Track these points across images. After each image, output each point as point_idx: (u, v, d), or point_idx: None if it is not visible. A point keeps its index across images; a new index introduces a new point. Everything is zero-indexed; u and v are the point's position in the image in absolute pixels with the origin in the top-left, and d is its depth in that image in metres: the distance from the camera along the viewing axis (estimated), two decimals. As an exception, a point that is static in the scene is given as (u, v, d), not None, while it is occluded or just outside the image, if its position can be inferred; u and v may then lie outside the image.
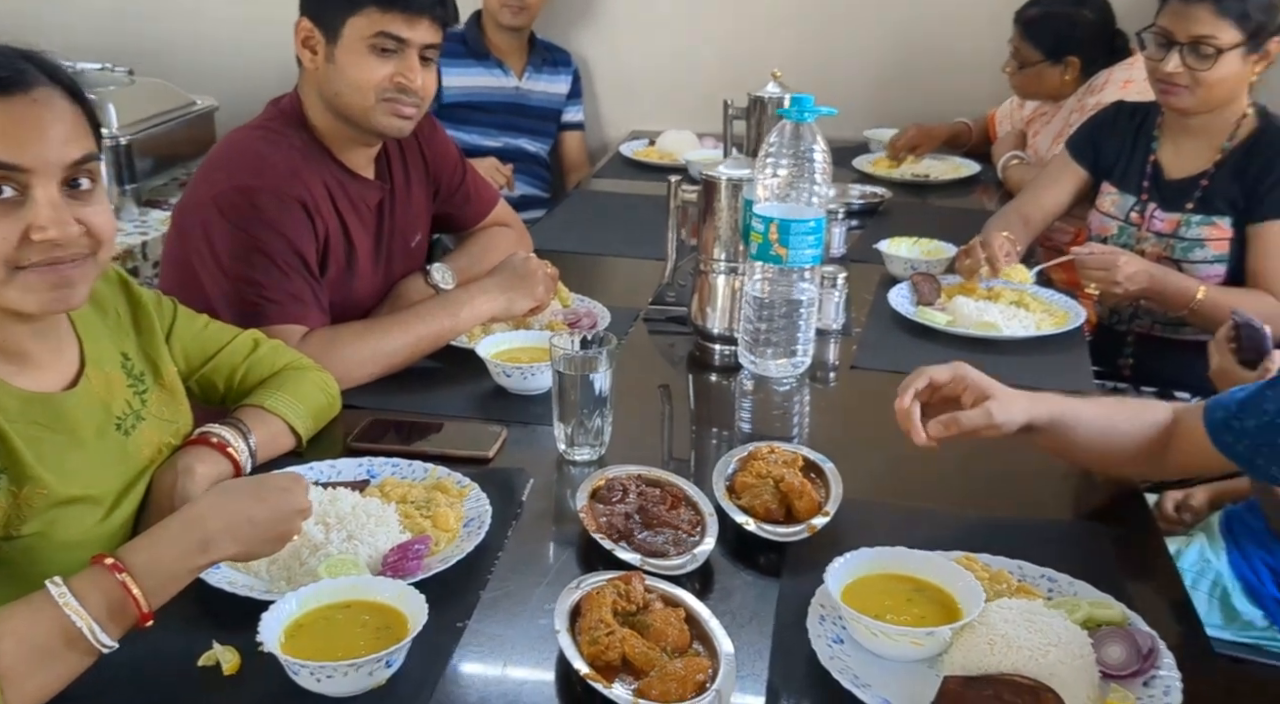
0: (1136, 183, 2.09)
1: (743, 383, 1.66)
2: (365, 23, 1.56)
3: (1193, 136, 2.03)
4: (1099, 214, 2.16)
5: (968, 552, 1.12)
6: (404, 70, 1.58)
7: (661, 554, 1.13)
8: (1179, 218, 2.02)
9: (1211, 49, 1.87)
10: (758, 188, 1.58)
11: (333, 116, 1.63)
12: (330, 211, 1.63)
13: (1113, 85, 2.49)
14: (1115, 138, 2.14)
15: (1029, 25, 2.58)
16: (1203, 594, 1.60)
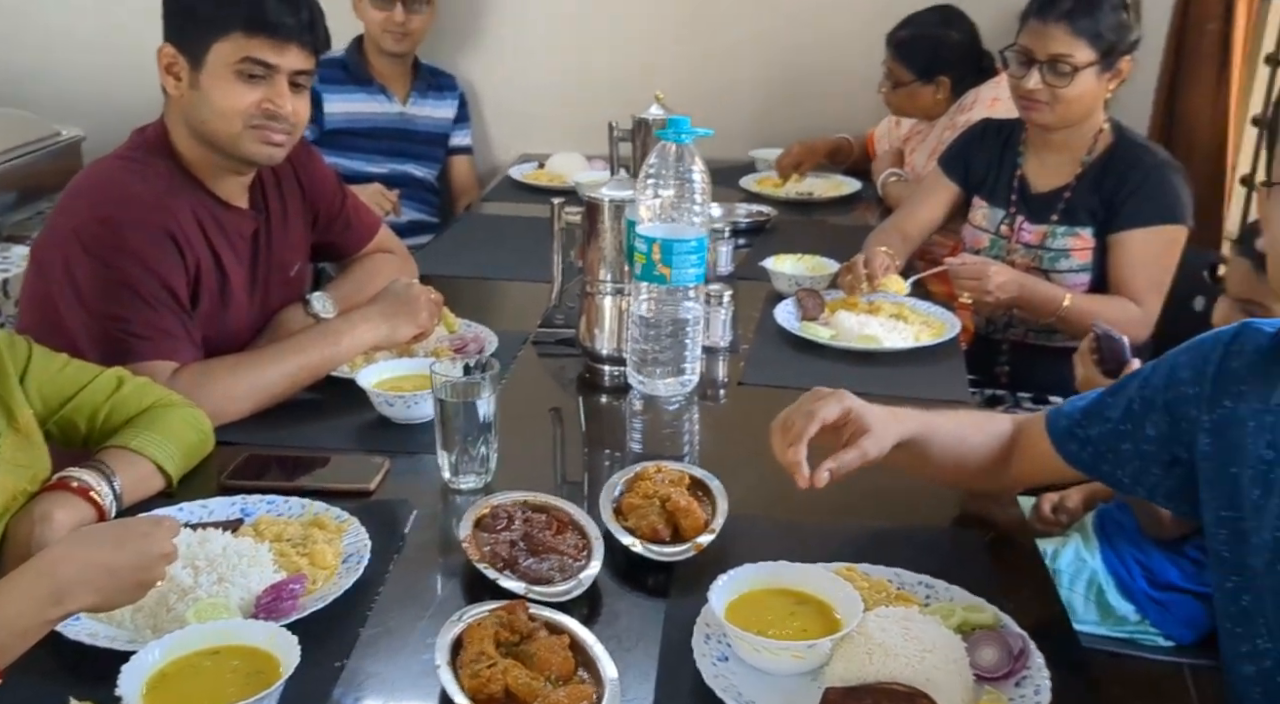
0: (1005, 196, 2.17)
1: (632, 403, 1.66)
2: (231, 48, 1.51)
3: (1055, 151, 2.12)
4: (971, 227, 2.24)
5: (848, 562, 1.14)
6: (272, 97, 1.54)
7: (547, 581, 1.11)
8: (1045, 229, 2.10)
9: (1068, 67, 1.96)
10: (640, 209, 1.59)
11: (201, 145, 1.58)
12: (201, 242, 1.58)
13: (981, 103, 2.59)
14: (984, 154, 2.23)
15: (900, 47, 2.67)
16: (1080, 592, 1.66)
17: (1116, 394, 1.17)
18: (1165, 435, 1.10)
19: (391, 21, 2.83)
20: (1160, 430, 1.11)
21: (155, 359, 1.46)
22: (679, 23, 3.23)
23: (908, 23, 2.69)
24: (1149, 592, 1.63)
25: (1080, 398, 1.22)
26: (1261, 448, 0.99)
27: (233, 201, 1.65)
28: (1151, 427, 1.11)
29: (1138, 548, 1.66)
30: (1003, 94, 2.60)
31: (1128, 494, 1.20)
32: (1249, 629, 1.01)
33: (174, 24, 1.55)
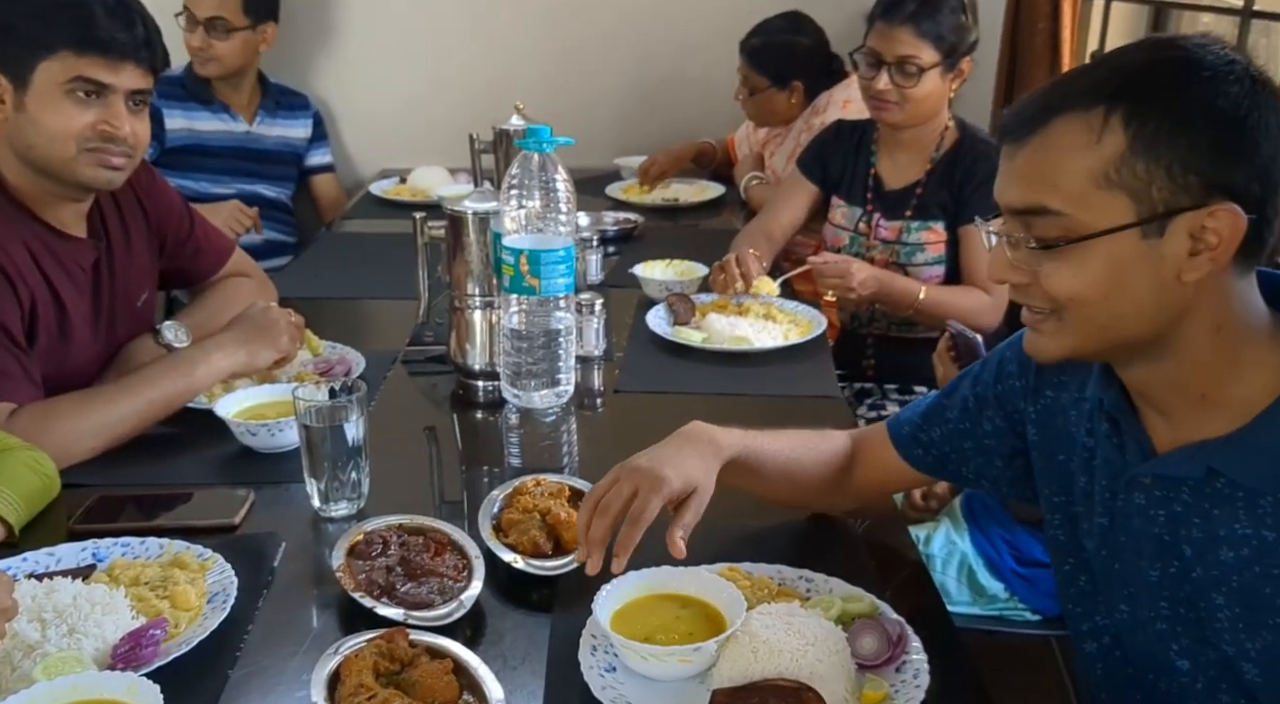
0: (861, 195, 2.24)
1: (509, 417, 1.64)
2: (60, 67, 1.42)
3: (905, 149, 2.19)
4: (831, 226, 2.29)
5: (731, 562, 1.15)
6: (109, 117, 1.45)
7: (426, 605, 1.08)
8: (900, 225, 2.17)
9: (914, 68, 2.03)
10: (505, 220, 1.57)
11: (31, 172, 1.48)
12: (35, 276, 1.48)
13: (834, 105, 2.67)
14: (839, 154, 2.29)
15: (753, 54, 2.73)
16: (952, 574, 1.71)
17: (951, 395, 1.19)
18: (1001, 429, 1.13)
19: (191, 46, 2.72)
20: (995, 425, 1.14)
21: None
22: (535, 33, 3.22)
23: (759, 30, 2.75)
24: (1016, 569, 1.70)
25: (918, 403, 1.24)
26: (1082, 435, 1.03)
27: (69, 230, 1.55)
28: (987, 422, 1.14)
29: (1004, 527, 1.73)
30: (854, 95, 2.68)
31: (975, 489, 1.23)
32: (1088, 609, 1.05)
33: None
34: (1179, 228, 0.86)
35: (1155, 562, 0.95)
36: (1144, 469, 0.95)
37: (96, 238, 1.60)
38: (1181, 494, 0.93)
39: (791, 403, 1.68)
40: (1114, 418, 0.99)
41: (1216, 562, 0.90)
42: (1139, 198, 0.86)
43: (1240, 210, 0.85)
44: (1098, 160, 0.86)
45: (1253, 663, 0.90)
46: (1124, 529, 0.98)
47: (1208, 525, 0.91)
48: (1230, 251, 0.86)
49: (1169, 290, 0.87)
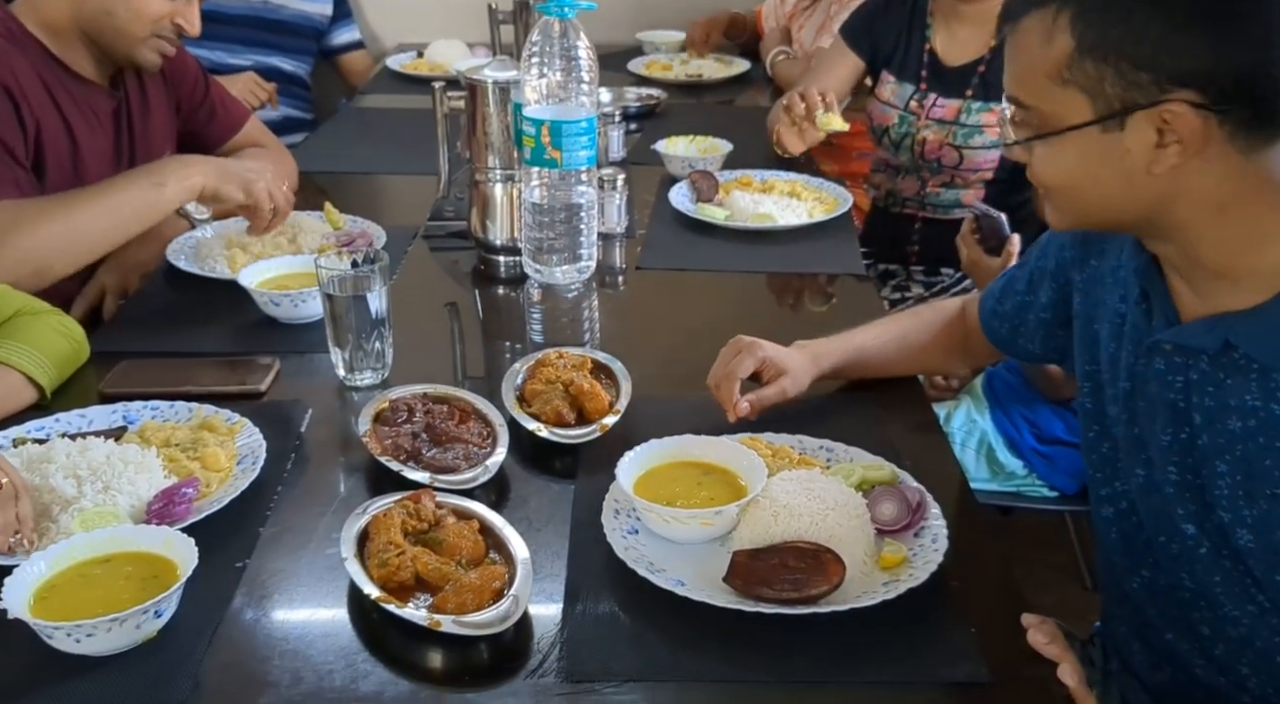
0: (914, 71, 2.10)
1: (530, 292, 1.63)
2: None
3: (966, 23, 2.05)
4: (879, 103, 2.16)
5: (751, 433, 1.15)
6: (187, 14, 1.55)
7: (452, 469, 1.10)
8: (959, 104, 2.04)
9: None
10: (526, 90, 1.53)
11: (79, 27, 1.53)
12: (48, 106, 1.50)
13: None
14: (890, 26, 2.13)
15: None
16: (971, 451, 1.72)
17: (1023, 266, 1.21)
18: (1055, 300, 1.15)
19: None
20: (1050, 296, 1.15)
21: None
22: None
23: None
24: (1035, 446, 1.71)
25: (1003, 275, 1.26)
26: (1115, 302, 1.03)
27: (88, 77, 1.58)
28: (1044, 293, 1.16)
29: (1025, 405, 1.73)
30: None
31: (1042, 364, 1.24)
32: (1108, 474, 1.07)
33: None
34: (1138, 123, 0.87)
35: (1168, 426, 0.97)
36: (1166, 336, 0.96)
37: (116, 88, 1.63)
38: (1200, 362, 0.93)
39: (814, 281, 1.67)
40: (1146, 283, 0.99)
41: (1224, 430, 0.92)
42: (1094, 95, 0.88)
43: (1193, 103, 0.85)
44: (1051, 60, 0.89)
45: (1247, 529, 0.92)
46: (1142, 394, 0.99)
47: (1220, 395, 0.92)
48: (1199, 142, 0.86)
49: (1142, 181, 0.89)
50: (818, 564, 0.91)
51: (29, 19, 1.53)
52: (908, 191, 2.16)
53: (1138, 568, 1.05)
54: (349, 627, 0.93)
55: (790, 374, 1.23)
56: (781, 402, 1.22)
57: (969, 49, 2.06)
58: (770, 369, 1.23)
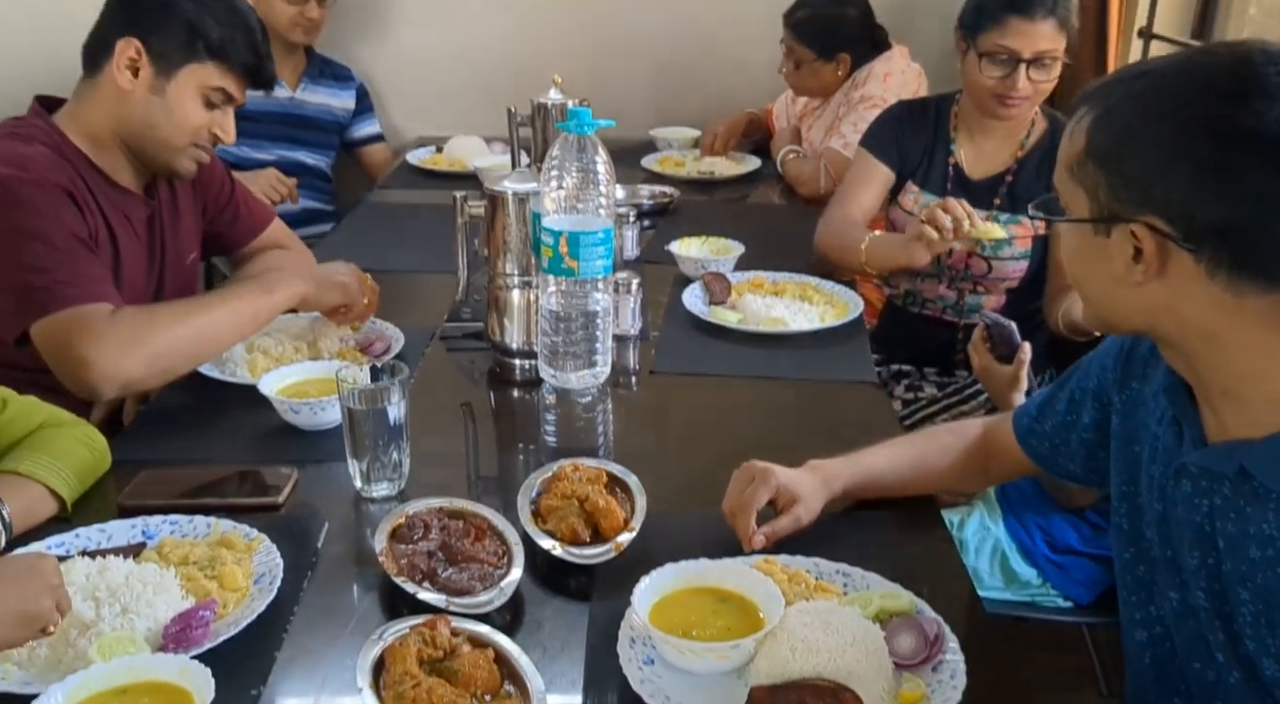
0: (939, 183, 2.11)
1: (545, 396, 1.65)
2: (209, 74, 1.58)
3: (991, 137, 2.07)
4: (902, 212, 2.16)
5: (767, 554, 1.15)
6: (224, 125, 1.63)
7: (467, 592, 1.10)
8: (986, 215, 2.03)
9: (1051, 61, 1.91)
10: (545, 201, 1.56)
11: (117, 138, 1.60)
12: (95, 212, 1.56)
13: (874, 78, 2.63)
14: (914, 138, 2.14)
15: (799, 27, 2.69)
16: (985, 558, 1.72)
17: (1063, 386, 1.22)
18: (1098, 420, 1.16)
19: (304, 17, 2.80)
20: (1093, 416, 1.16)
21: (86, 302, 1.43)
22: (573, 3, 3.18)
23: (804, 3, 2.70)
24: (1049, 556, 1.70)
25: (1039, 394, 1.27)
26: (1153, 424, 1.04)
27: (127, 186, 1.65)
28: (1087, 414, 1.17)
29: (1039, 513, 1.73)
30: (894, 68, 2.65)
31: (1086, 485, 1.25)
32: (1142, 597, 1.07)
33: (157, 28, 1.56)
34: (1120, 233, 0.93)
35: (1194, 550, 0.97)
36: (1191, 458, 0.97)
37: (150, 196, 1.69)
38: (1223, 488, 0.94)
39: (826, 388, 1.68)
40: (1175, 405, 1.01)
41: (1245, 558, 0.92)
42: (1091, 196, 0.94)
43: (1158, 231, 0.89)
44: (1070, 153, 0.96)
45: (1272, 659, 0.91)
46: (1173, 517, 1.00)
47: (1240, 522, 0.92)
48: (1157, 266, 0.91)
49: (1125, 289, 0.94)
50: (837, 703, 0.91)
51: (72, 130, 1.59)
52: (929, 294, 2.17)
53: (1170, 695, 1.04)
54: (364, 760, 0.92)
55: (803, 501, 1.23)
56: (796, 530, 1.22)
57: (994, 162, 2.08)
58: (784, 496, 1.23)
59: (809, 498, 1.23)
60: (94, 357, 1.38)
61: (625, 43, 3.21)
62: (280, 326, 1.72)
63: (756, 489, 1.21)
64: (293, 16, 2.77)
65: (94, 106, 1.59)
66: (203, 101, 1.60)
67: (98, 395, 1.42)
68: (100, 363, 1.39)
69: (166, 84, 1.57)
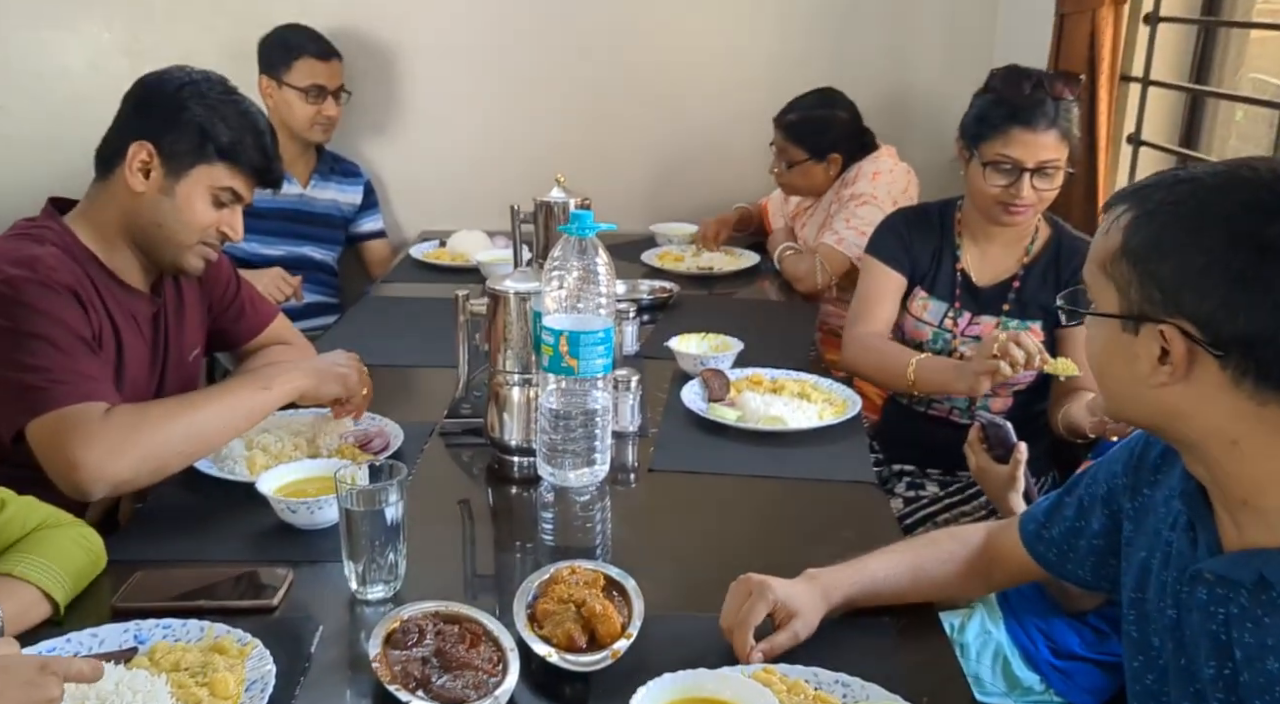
0: (948, 289, 2.11)
1: (543, 494, 1.65)
2: (219, 174, 1.62)
3: (996, 243, 2.10)
4: (912, 318, 2.16)
5: (766, 664, 1.14)
6: (233, 222, 1.66)
7: (461, 701, 1.08)
8: (996, 321, 2.06)
9: (1054, 170, 1.95)
10: (546, 300, 1.59)
11: (126, 237, 1.63)
12: (100, 311, 1.58)
13: (864, 177, 2.70)
14: (921, 244, 2.15)
15: (790, 128, 2.77)
16: (986, 664, 1.69)
17: (1071, 492, 1.22)
18: (1108, 528, 1.16)
19: (322, 115, 2.87)
20: (1103, 523, 1.16)
21: (80, 401, 1.43)
22: (578, 104, 3.28)
23: (794, 106, 2.79)
24: (1052, 661, 1.67)
25: (1045, 499, 1.27)
26: (1166, 530, 1.04)
27: (133, 284, 1.67)
28: (1097, 521, 1.17)
29: (1040, 618, 1.71)
30: (882, 167, 2.72)
31: (1094, 591, 1.25)
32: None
33: (169, 131, 1.60)
34: (1147, 333, 0.94)
35: (1211, 659, 0.96)
36: (1207, 565, 0.96)
37: (157, 294, 1.71)
38: (1240, 596, 0.94)
39: (825, 487, 1.68)
40: (1191, 511, 1.01)
41: (1263, 669, 0.91)
42: (1122, 294, 0.96)
43: (1187, 334, 0.90)
44: (1105, 249, 0.98)
45: None
46: (1187, 624, 0.99)
47: (1259, 632, 0.92)
48: (1184, 368, 0.92)
49: (1148, 389, 0.95)
50: (835, 822, 0.89)
51: (82, 230, 1.62)
52: (937, 396, 2.15)
53: None
54: None
55: (801, 615, 1.21)
56: (793, 645, 1.20)
57: (1000, 268, 2.10)
58: (782, 611, 1.21)
59: (807, 612, 1.21)
60: (83, 458, 1.38)
61: (626, 140, 3.30)
62: (279, 423, 1.73)
63: (754, 605, 1.19)
64: (311, 116, 2.84)
65: (105, 207, 1.62)
66: (212, 201, 1.63)
67: (87, 495, 1.41)
68: (89, 464, 1.38)
69: (176, 184, 1.61)
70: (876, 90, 3.09)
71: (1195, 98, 2.52)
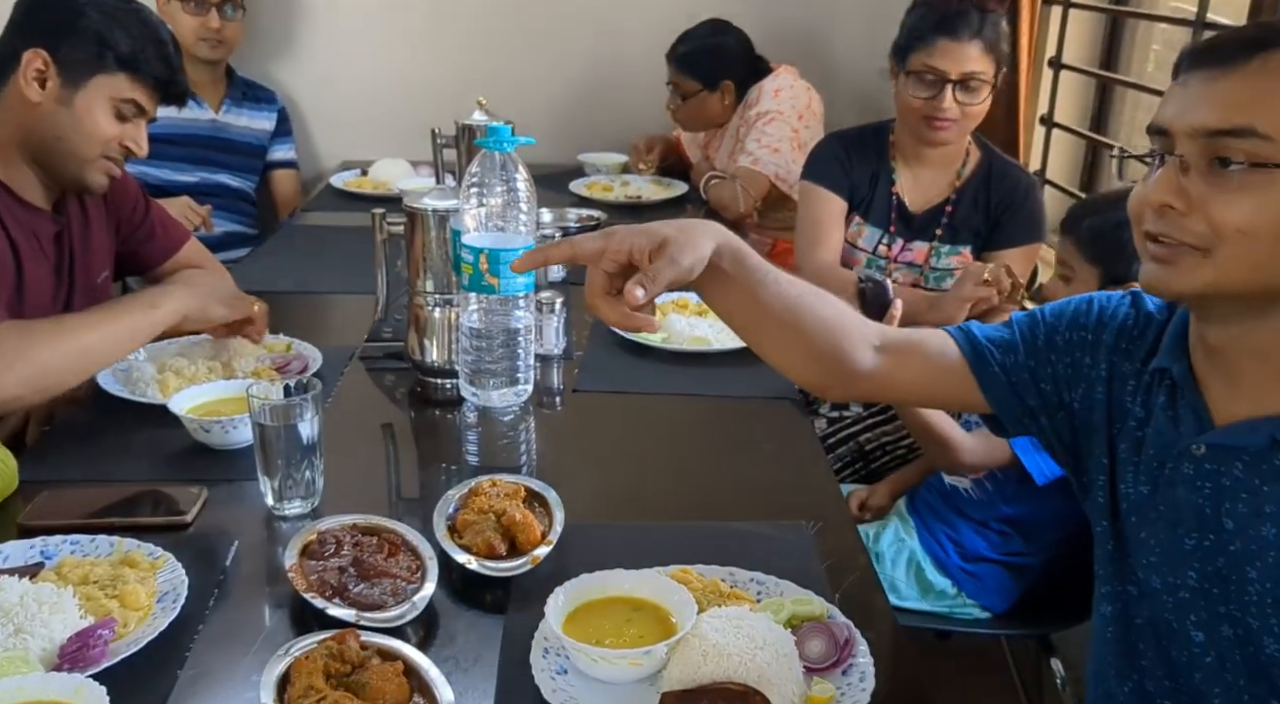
0: (883, 215, 2.11)
1: (466, 415, 1.64)
2: (120, 85, 1.56)
3: (929, 167, 2.10)
4: (847, 245, 2.16)
5: (683, 564, 1.16)
6: (136, 136, 1.61)
7: (379, 606, 1.08)
8: (929, 247, 2.08)
9: (978, 84, 1.96)
10: (465, 218, 1.56)
11: (24, 151, 1.57)
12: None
13: (766, 95, 2.71)
14: (859, 168, 2.14)
15: (682, 61, 2.78)
16: (901, 570, 1.74)
17: (1014, 328, 1.14)
18: (1063, 376, 1.10)
19: (206, 28, 2.75)
20: (1058, 371, 1.10)
21: None
22: (499, 27, 3.21)
23: (684, 39, 2.79)
24: (962, 565, 1.73)
25: (989, 328, 1.16)
26: (1136, 406, 1.05)
27: (33, 202, 1.60)
28: (1049, 366, 1.11)
29: (949, 525, 1.76)
30: (782, 83, 2.73)
31: (1016, 432, 1.16)
32: (1110, 572, 1.08)
33: (65, 39, 1.53)
34: None
35: (1192, 532, 0.98)
36: (1207, 437, 0.97)
37: (59, 213, 1.65)
38: (1234, 468, 0.95)
39: (749, 405, 1.70)
40: (1172, 391, 1.01)
41: (1257, 537, 0.93)
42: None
43: None
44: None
45: (1274, 638, 0.93)
46: (1165, 499, 1.00)
47: (1254, 500, 0.94)
48: None
49: None
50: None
51: None
52: None
53: (1129, 673, 1.05)
54: (266, 777, 0.90)
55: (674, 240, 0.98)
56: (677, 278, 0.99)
57: (932, 192, 2.11)
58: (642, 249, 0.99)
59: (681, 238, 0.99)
60: None
61: (553, 68, 3.24)
62: (194, 346, 1.69)
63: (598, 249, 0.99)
64: (195, 29, 2.73)
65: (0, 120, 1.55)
66: (113, 113, 1.57)
67: None
68: None
69: (74, 95, 1.54)
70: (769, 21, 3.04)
71: (1115, 20, 2.56)
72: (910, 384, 1.19)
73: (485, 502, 1.27)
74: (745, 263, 1.08)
